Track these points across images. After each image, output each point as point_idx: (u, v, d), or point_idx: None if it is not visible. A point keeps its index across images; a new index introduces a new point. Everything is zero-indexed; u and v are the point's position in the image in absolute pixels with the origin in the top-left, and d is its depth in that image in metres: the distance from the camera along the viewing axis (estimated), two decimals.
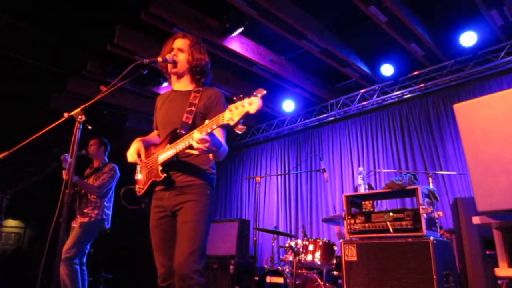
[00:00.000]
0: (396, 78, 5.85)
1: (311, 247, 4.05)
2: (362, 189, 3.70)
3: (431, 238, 2.91)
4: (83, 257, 3.79)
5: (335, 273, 4.06)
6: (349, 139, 6.45)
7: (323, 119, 6.87)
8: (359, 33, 5.31)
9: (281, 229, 6.40)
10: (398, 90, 5.94)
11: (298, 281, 3.82)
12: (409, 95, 5.87)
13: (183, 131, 1.93)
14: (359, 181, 3.76)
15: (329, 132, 6.80)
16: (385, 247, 3.10)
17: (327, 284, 3.95)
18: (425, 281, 2.79)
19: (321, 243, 4.05)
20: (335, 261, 3.98)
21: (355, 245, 3.27)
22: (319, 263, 3.97)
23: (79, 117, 1.86)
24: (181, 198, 1.95)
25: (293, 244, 4.09)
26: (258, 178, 4.87)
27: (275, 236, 4.68)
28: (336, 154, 6.53)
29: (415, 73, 5.75)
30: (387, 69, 5.65)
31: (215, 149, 1.76)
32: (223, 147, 1.86)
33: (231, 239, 5.59)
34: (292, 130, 7.34)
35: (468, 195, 4.69)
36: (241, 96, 1.53)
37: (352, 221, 3.39)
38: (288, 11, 4.52)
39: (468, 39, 4.90)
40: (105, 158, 4.09)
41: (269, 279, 3.96)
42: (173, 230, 1.95)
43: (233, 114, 1.53)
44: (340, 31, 5.28)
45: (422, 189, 3.18)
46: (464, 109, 1.54)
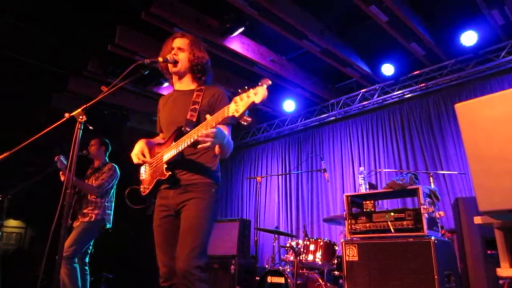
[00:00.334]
0: (396, 77, 5.84)
1: (312, 247, 4.04)
2: (363, 189, 3.70)
3: (432, 238, 2.91)
4: (85, 257, 3.79)
5: (336, 273, 4.05)
6: (350, 139, 6.44)
7: (323, 119, 6.86)
8: (359, 33, 5.30)
9: (282, 229, 6.39)
10: (398, 89, 5.93)
11: (299, 281, 3.82)
12: (409, 95, 5.87)
13: (188, 129, 1.92)
14: (360, 181, 3.76)
15: (330, 132, 6.79)
16: (386, 247, 3.10)
17: (328, 284, 3.95)
18: (426, 281, 2.79)
19: (322, 243, 4.04)
20: (336, 261, 3.98)
21: (356, 245, 3.27)
22: (320, 263, 3.97)
23: (80, 117, 1.86)
24: (185, 196, 1.94)
25: (294, 244, 4.08)
26: (259, 178, 4.88)
27: (276, 236, 4.67)
28: (337, 154, 6.53)
29: (415, 72, 5.75)
30: (387, 69, 5.65)
31: (220, 141, 1.76)
32: (226, 138, 1.85)
33: (232, 239, 5.58)
34: (293, 130, 7.34)
35: (469, 194, 4.69)
36: (246, 88, 1.51)
37: (353, 221, 3.39)
38: (288, 11, 4.52)
39: (469, 38, 4.89)
40: (105, 158, 4.09)
41: (270, 279, 3.95)
42: (176, 229, 1.94)
43: (238, 105, 1.51)
44: (340, 31, 5.28)
45: (423, 189, 3.18)
46: (465, 109, 1.53)
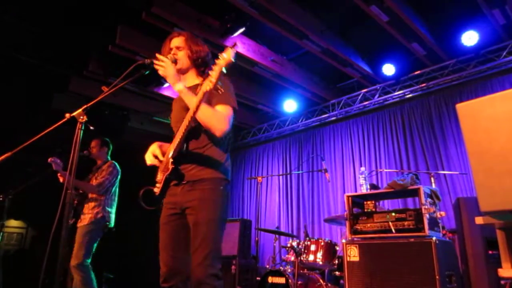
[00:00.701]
0: (397, 77, 5.84)
1: (313, 247, 4.04)
2: (364, 189, 3.70)
3: (434, 238, 2.90)
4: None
5: (337, 273, 4.05)
6: (350, 139, 6.44)
7: (324, 119, 6.86)
8: (360, 33, 5.30)
9: (283, 229, 6.39)
10: (399, 90, 5.92)
11: (300, 281, 3.81)
12: (410, 95, 5.86)
13: (192, 124, 1.91)
14: (361, 181, 3.75)
15: (330, 132, 6.79)
16: (387, 247, 3.10)
17: (329, 284, 3.95)
18: (428, 281, 2.79)
19: (323, 243, 4.04)
20: (337, 262, 3.98)
21: (357, 245, 3.27)
22: (321, 263, 3.97)
23: (81, 117, 1.86)
24: (192, 194, 1.92)
25: (294, 244, 4.08)
26: (259, 178, 4.87)
27: (277, 236, 4.67)
28: (337, 154, 6.52)
29: (416, 72, 5.74)
30: (388, 69, 5.64)
31: (166, 73, 1.94)
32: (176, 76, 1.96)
33: (233, 239, 5.59)
34: (293, 130, 7.34)
35: (470, 195, 4.68)
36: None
37: (354, 221, 3.38)
38: (289, 11, 4.51)
39: (470, 38, 4.88)
40: (107, 158, 4.09)
41: (270, 279, 3.95)
42: (181, 229, 1.93)
43: (211, 77, 1.72)
44: (341, 31, 5.27)
45: (424, 189, 3.17)
46: (466, 109, 1.53)
